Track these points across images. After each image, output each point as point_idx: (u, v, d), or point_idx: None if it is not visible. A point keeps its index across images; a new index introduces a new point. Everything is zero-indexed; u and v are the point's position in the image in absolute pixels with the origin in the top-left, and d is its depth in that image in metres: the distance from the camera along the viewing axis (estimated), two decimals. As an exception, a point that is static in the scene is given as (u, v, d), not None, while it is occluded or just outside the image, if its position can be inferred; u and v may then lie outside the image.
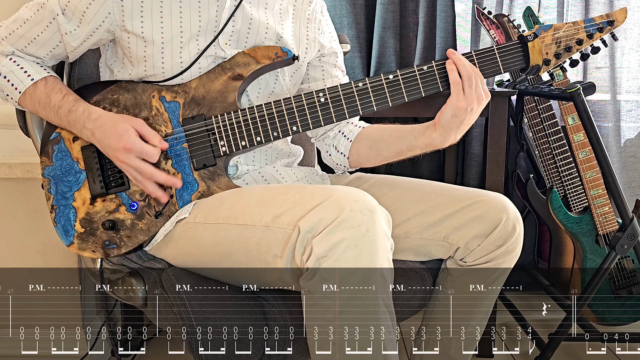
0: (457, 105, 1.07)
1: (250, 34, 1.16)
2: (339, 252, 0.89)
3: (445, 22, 1.98)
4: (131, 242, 1.11)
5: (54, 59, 1.18)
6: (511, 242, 1.17)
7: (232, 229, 1.02)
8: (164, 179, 1.08)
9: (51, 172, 1.14)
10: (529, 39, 1.10)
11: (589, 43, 1.11)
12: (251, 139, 1.11)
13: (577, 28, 1.11)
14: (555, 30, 1.11)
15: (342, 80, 1.33)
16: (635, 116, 2.12)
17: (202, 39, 1.12)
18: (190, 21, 1.11)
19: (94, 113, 1.10)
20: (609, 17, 1.11)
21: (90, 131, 1.09)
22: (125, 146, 1.06)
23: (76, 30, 1.12)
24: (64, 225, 1.12)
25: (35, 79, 1.14)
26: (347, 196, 0.93)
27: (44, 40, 1.14)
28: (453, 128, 1.11)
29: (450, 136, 1.12)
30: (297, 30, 1.23)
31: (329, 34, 1.31)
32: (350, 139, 1.29)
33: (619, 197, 1.63)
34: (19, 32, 1.14)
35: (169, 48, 1.11)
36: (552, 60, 1.12)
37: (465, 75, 1.07)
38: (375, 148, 1.25)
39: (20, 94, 1.15)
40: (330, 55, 1.31)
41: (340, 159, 1.31)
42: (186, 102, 1.13)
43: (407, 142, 1.19)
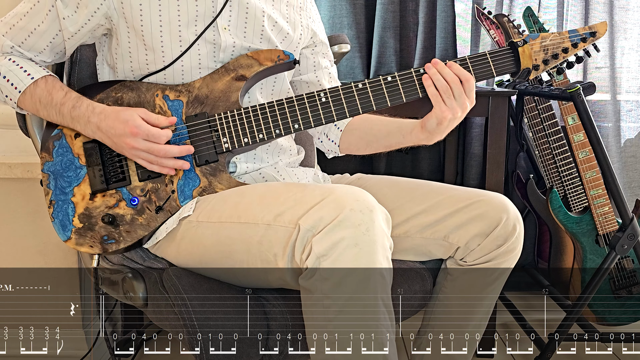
0: (441, 116, 1.12)
1: (249, 20, 1.17)
2: (339, 251, 0.89)
3: (445, 22, 1.98)
4: (130, 238, 1.11)
5: (53, 52, 1.18)
6: (511, 242, 1.17)
7: (235, 227, 1.02)
8: (177, 151, 1.09)
9: (51, 168, 1.14)
10: (519, 44, 1.17)
11: (574, 52, 1.20)
12: (253, 136, 1.12)
13: (563, 38, 1.19)
14: (542, 39, 1.18)
15: (331, 70, 1.37)
16: (635, 116, 2.12)
17: (200, 24, 1.14)
18: (187, 5, 1.12)
19: (97, 107, 1.11)
20: (591, 28, 1.20)
21: (95, 125, 1.10)
22: (132, 130, 1.06)
23: (74, 15, 1.13)
24: (62, 220, 1.12)
25: (35, 77, 1.14)
26: (348, 195, 0.93)
27: (43, 30, 1.14)
28: (438, 132, 1.15)
29: (436, 137, 1.18)
30: (291, 16, 1.25)
31: (318, 23, 1.34)
32: (341, 128, 1.34)
33: (619, 197, 1.63)
34: (19, 25, 1.14)
35: (167, 31, 1.12)
36: (540, 65, 1.18)
37: (441, 88, 1.11)
38: (365, 140, 1.30)
39: (20, 94, 1.14)
40: (322, 45, 1.34)
41: (332, 146, 1.36)
42: (189, 101, 1.14)
43: (396, 139, 1.24)
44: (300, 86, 1.35)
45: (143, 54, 1.14)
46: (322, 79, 1.33)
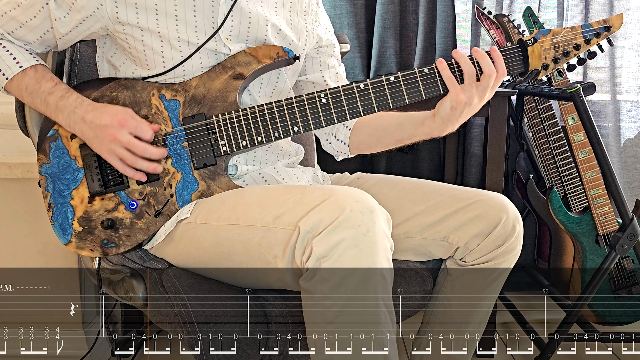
0: (456, 98, 1.09)
1: (251, 28, 1.15)
2: (339, 252, 0.89)
3: (445, 22, 1.98)
4: (130, 241, 1.11)
5: (43, 45, 1.17)
6: (511, 242, 1.17)
7: (233, 229, 1.02)
8: (156, 152, 1.08)
9: (48, 170, 1.14)
10: (528, 43, 1.12)
11: (586, 48, 1.14)
12: (252, 139, 1.11)
13: (575, 33, 1.13)
14: (553, 35, 1.12)
15: (338, 70, 1.34)
16: (635, 116, 2.11)
17: (201, 35, 1.12)
18: (185, 16, 1.10)
19: (87, 100, 1.10)
20: (606, 22, 1.13)
21: (80, 116, 1.08)
22: (120, 121, 1.06)
23: (66, 17, 1.11)
24: (62, 224, 1.12)
25: (24, 66, 1.13)
26: (347, 196, 0.93)
27: (34, 25, 1.13)
28: (452, 120, 1.12)
29: (448, 127, 1.14)
30: (295, 22, 1.23)
31: (324, 26, 1.31)
32: (349, 127, 1.31)
33: (619, 197, 1.63)
34: (11, 14, 1.13)
35: (167, 40, 1.10)
36: (550, 64, 1.13)
37: (467, 71, 1.08)
38: (375, 136, 1.27)
39: (8, 80, 1.14)
40: (328, 46, 1.32)
41: (341, 146, 1.33)
42: (186, 101, 1.12)
43: (408, 130, 1.21)
44: (306, 86, 1.33)
45: (143, 59, 1.13)
46: (328, 79, 1.31)
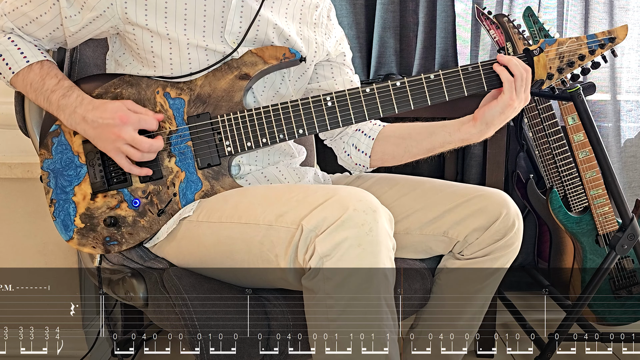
0: (509, 103, 1.09)
1: (259, 36, 1.16)
2: (342, 251, 0.89)
3: (445, 22, 1.98)
4: (132, 239, 1.10)
5: (52, 42, 1.17)
6: (510, 237, 1.16)
7: (235, 227, 1.02)
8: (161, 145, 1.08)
9: (50, 166, 1.13)
10: (534, 53, 1.12)
11: (591, 59, 1.15)
12: (257, 140, 1.11)
13: (580, 44, 1.13)
14: (559, 45, 1.13)
15: (352, 77, 1.32)
16: (635, 116, 2.12)
17: (208, 38, 1.12)
18: (194, 19, 1.11)
19: (86, 99, 1.10)
20: (611, 33, 1.14)
21: (80, 116, 1.08)
22: (121, 118, 1.05)
23: (76, 16, 1.11)
24: (64, 220, 1.12)
25: (31, 61, 1.13)
26: (351, 195, 0.93)
27: (44, 21, 1.13)
28: (495, 124, 1.12)
29: (489, 132, 1.14)
30: (305, 33, 1.22)
31: (334, 39, 1.30)
32: (372, 137, 1.27)
33: (619, 197, 1.63)
34: (23, 9, 1.12)
35: (175, 43, 1.10)
36: (555, 74, 1.14)
37: (519, 75, 1.09)
38: (403, 146, 1.24)
39: (14, 75, 1.14)
40: (338, 56, 1.31)
41: (362, 158, 1.29)
42: (191, 100, 1.12)
43: (441, 138, 1.19)
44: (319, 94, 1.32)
45: (151, 61, 1.13)
46: (341, 86, 1.29)
